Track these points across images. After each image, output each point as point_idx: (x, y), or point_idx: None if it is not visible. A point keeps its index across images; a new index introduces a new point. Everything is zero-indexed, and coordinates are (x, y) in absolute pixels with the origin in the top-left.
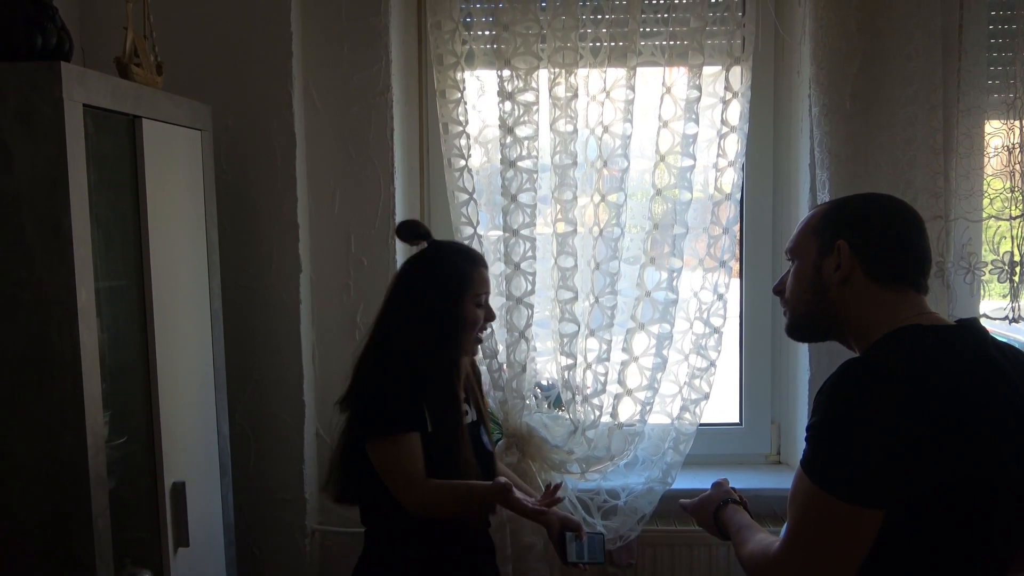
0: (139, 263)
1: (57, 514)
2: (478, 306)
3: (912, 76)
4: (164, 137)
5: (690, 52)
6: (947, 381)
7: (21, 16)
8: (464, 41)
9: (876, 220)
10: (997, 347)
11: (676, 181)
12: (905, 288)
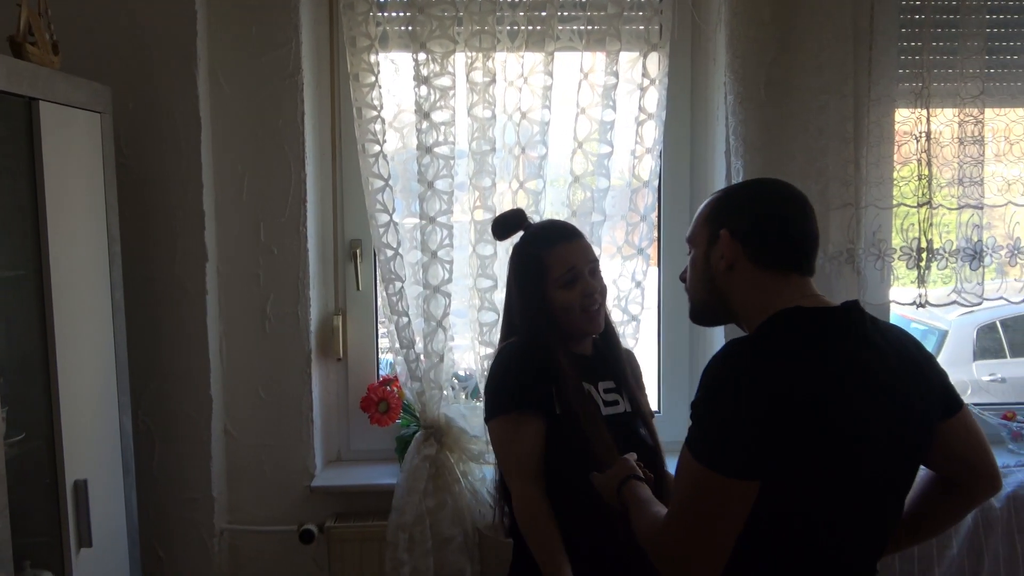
0: (37, 252)
1: None
2: (566, 286)
3: (824, 66)
4: (62, 120)
5: (608, 38)
6: (818, 360)
7: None
8: (378, 23)
9: (757, 207)
10: (878, 328)
11: (594, 168)
12: (788, 272)
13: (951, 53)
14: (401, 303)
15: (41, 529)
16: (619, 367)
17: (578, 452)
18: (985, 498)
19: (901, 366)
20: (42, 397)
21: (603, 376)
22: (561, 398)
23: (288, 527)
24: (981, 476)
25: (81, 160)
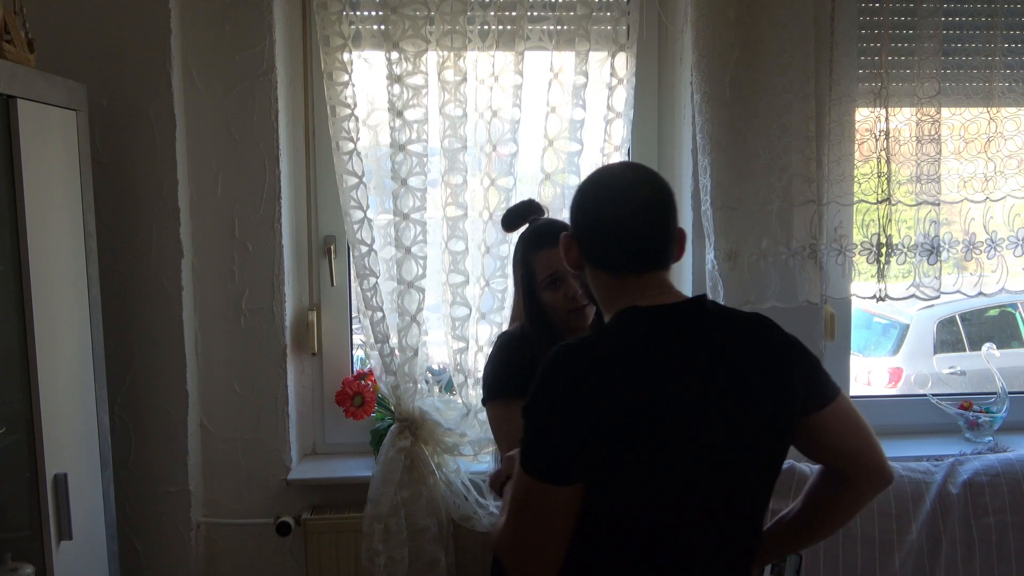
0: (15, 248)
1: None
2: (549, 288)
3: (787, 66)
4: (38, 117)
5: (577, 38)
6: (643, 360)
7: None
8: (351, 22)
9: (587, 208)
10: (726, 322)
11: (565, 166)
12: (623, 272)
13: (909, 54)
14: (376, 298)
15: (22, 523)
16: None
17: None
18: (874, 490)
19: (746, 360)
20: (22, 392)
21: None
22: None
23: (265, 520)
24: (864, 467)
25: (58, 157)
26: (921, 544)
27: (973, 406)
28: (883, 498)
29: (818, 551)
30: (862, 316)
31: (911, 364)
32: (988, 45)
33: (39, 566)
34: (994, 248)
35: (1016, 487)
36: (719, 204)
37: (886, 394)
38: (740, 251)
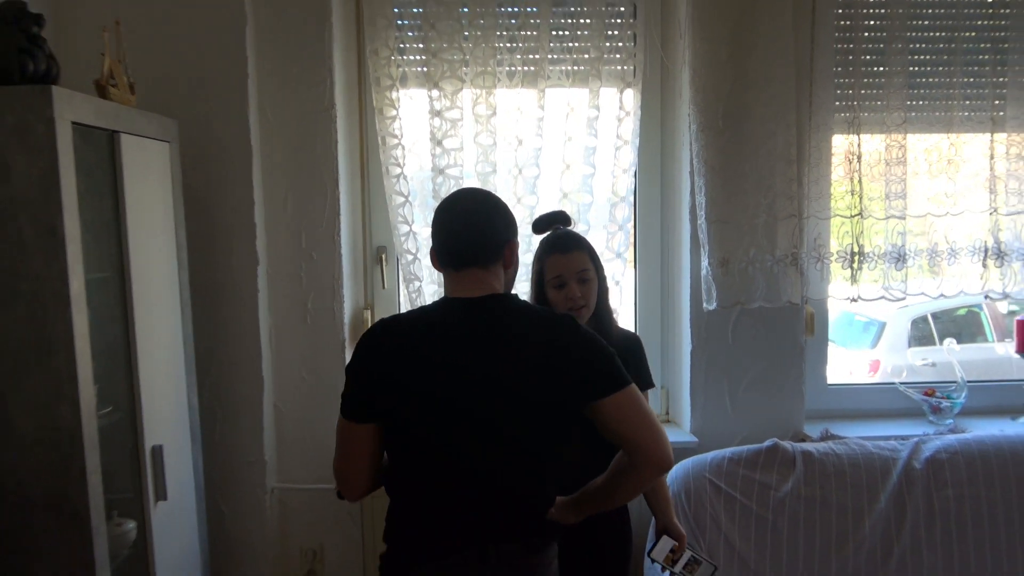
0: (120, 258)
1: (56, 473)
2: (555, 288)
3: (771, 99)
4: (138, 149)
5: (590, 77)
6: (430, 337)
7: (14, 45)
8: (398, 65)
9: (433, 220)
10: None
11: (580, 186)
12: (447, 267)
13: (879, 88)
14: (419, 299)
15: (126, 486)
16: (613, 346)
17: None
18: (650, 475)
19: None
20: (126, 378)
21: None
22: None
23: (328, 485)
24: (641, 453)
25: (154, 181)
26: (888, 512)
27: (936, 393)
28: (855, 472)
29: (797, 517)
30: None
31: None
32: (948, 80)
33: (140, 522)
34: (954, 256)
35: (972, 463)
36: (713, 218)
37: (859, 382)
38: (731, 259)
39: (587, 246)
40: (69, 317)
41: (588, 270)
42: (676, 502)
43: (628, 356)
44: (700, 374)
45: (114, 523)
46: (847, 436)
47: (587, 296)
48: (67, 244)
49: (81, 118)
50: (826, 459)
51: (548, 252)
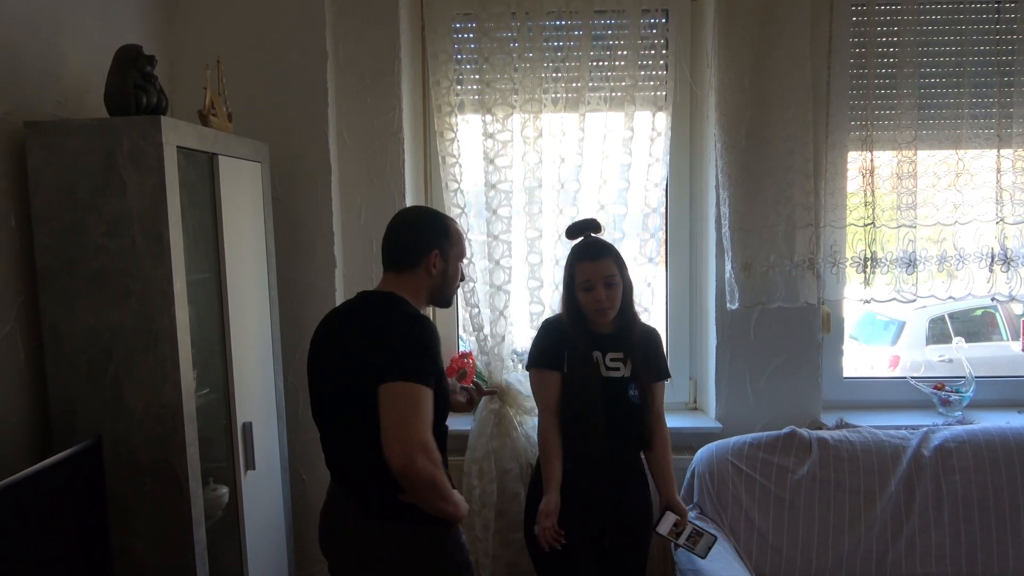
0: (217, 262)
1: (162, 443)
2: (583, 291)
3: (791, 121)
4: (234, 169)
5: (625, 102)
6: (321, 323)
7: (131, 83)
8: (456, 94)
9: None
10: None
11: (616, 199)
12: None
13: (890, 108)
14: (473, 298)
15: (220, 456)
16: (630, 343)
17: (576, 393)
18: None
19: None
20: (221, 364)
21: (614, 348)
22: (569, 360)
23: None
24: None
25: (247, 196)
26: (899, 495)
27: (945, 387)
28: (867, 457)
29: (813, 497)
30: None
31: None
32: (957, 100)
33: (232, 488)
34: (962, 261)
35: (979, 452)
36: (736, 227)
37: (873, 376)
38: (753, 263)
39: (614, 253)
40: (173, 312)
41: (614, 275)
42: (701, 482)
43: (645, 348)
44: (724, 367)
45: (210, 488)
46: (861, 425)
47: (612, 299)
48: (172, 250)
49: (185, 143)
50: (840, 445)
51: (578, 258)
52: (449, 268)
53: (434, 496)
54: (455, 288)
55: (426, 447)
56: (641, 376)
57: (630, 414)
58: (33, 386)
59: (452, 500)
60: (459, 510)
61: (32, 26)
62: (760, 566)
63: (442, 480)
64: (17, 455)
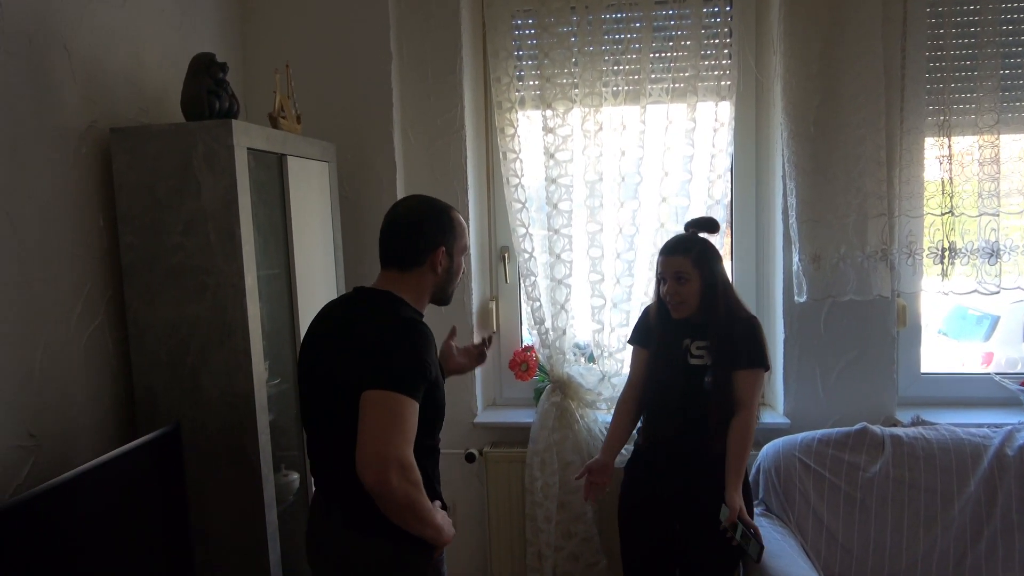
0: (287, 258)
1: (235, 431)
2: (660, 284)
3: (861, 107)
4: (302, 168)
5: (687, 93)
6: (317, 320)
7: (206, 89)
8: (517, 90)
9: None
10: (354, 309)
11: (678, 191)
12: (382, 266)
13: (970, 92)
14: (535, 292)
15: (292, 444)
16: (715, 332)
17: (656, 374)
18: (361, 476)
19: (348, 334)
20: (291, 355)
21: (700, 337)
22: (656, 343)
23: (458, 451)
24: (358, 452)
25: (315, 195)
26: (979, 496)
27: None
28: (944, 456)
29: (885, 496)
30: (958, 309)
31: (1002, 349)
32: None
33: (302, 474)
34: None
35: None
36: (804, 218)
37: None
38: (823, 255)
39: (694, 251)
40: (244, 306)
41: (684, 272)
42: (766, 478)
43: (734, 338)
44: (793, 361)
45: (281, 474)
46: (938, 422)
47: (683, 294)
48: (243, 246)
49: (255, 145)
50: (915, 443)
51: (660, 251)
52: (453, 264)
53: (409, 518)
54: (456, 284)
55: (403, 465)
56: (721, 365)
57: (702, 401)
58: (120, 374)
59: (432, 524)
60: (440, 535)
61: (117, 39)
62: (829, 565)
63: (420, 502)
64: (107, 437)
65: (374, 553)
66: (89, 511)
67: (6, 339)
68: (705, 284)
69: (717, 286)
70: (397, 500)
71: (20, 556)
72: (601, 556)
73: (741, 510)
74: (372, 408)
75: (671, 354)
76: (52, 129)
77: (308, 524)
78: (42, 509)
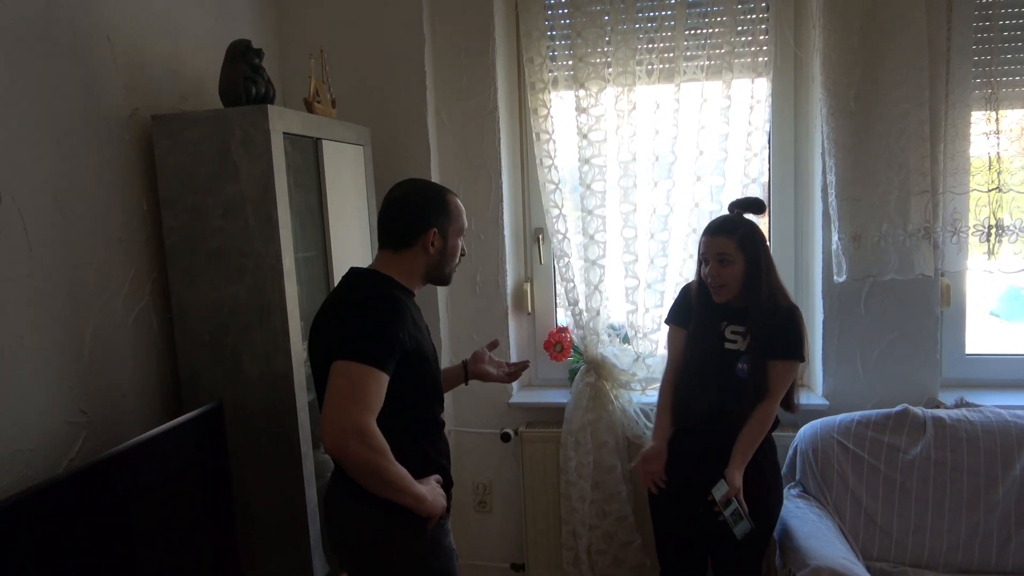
0: (323, 240)
1: (274, 410)
2: (701, 265)
3: (904, 81)
4: (337, 152)
5: (723, 70)
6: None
7: (242, 76)
8: (550, 70)
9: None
10: (343, 287)
11: (713, 170)
12: (379, 247)
13: (1019, 63)
14: (568, 272)
15: None
16: (754, 318)
17: (691, 355)
18: (322, 442)
19: (326, 314)
20: None
21: (737, 321)
22: (693, 324)
23: (494, 430)
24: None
25: (350, 178)
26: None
27: None
28: (989, 438)
29: (927, 479)
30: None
31: None
32: None
33: None
34: None
35: None
36: (844, 196)
37: (1001, 352)
38: (863, 234)
39: (739, 232)
40: (283, 287)
41: (728, 254)
42: (804, 459)
43: (772, 326)
44: (832, 342)
45: (320, 451)
46: (983, 404)
47: (724, 277)
48: (280, 229)
49: (291, 129)
50: (959, 425)
51: (704, 232)
52: (448, 245)
53: (378, 484)
54: (455, 265)
55: (361, 432)
56: (756, 352)
57: (734, 388)
58: (165, 354)
59: (409, 492)
60: (421, 504)
61: (157, 28)
62: (868, 547)
63: (385, 467)
64: (153, 415)
65: (367, 521)
66: (137, 485)
67: (58, 321)
68: (749, 267)
69: (761, 270)
70: (358, 466)
71: (73, 526)
72: (636, 535)
73: (738, 490)
74: (335, 378)
75: (706, 337)
76: (96, 118)
77: (325, 489)
78: (93, 481)
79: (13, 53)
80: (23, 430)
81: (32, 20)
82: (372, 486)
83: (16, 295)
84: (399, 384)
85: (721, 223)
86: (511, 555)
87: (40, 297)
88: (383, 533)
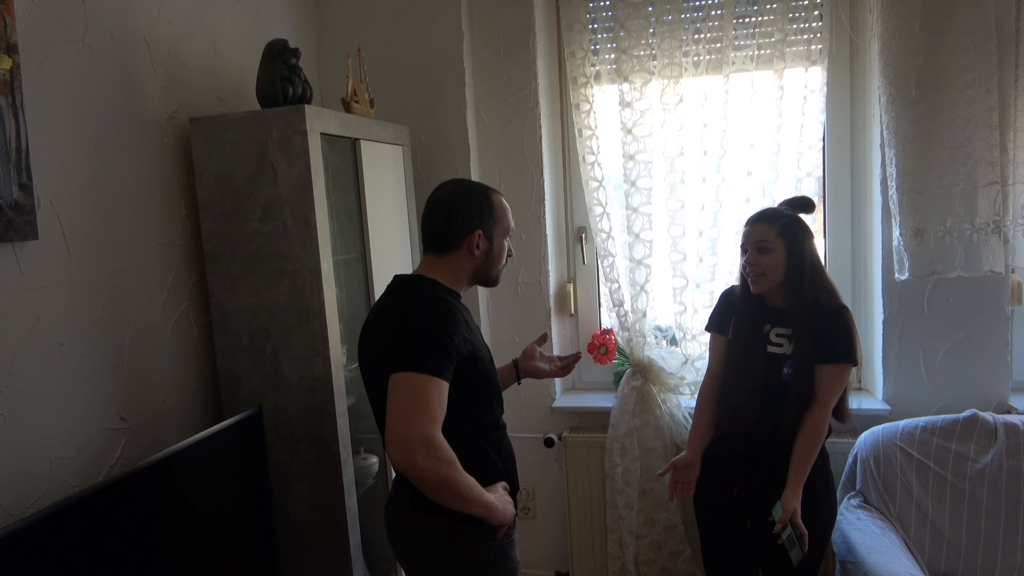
0: (362, 242)
1: (314, 414)
2: (743, 254)
3: (969, 65)
4: (376, 152)
5: (774, 59)
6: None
7: (279, 76)
8: (592, 64)
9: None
10: (392, 294)
11: (765, 164)
12: (423, 251)
13: None
14: (613, 272)
15: (371, 427)
16: (799, 320)
17: (733, 361)
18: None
19: (377, 324)
20: None
21: (782, 323)
22: (734, 327)
23: (537, 435)
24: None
25: (389, 178)
26: None
27: None
28: None
29: (998, 489)
30: None
31: None
32: None
33: (381, 458)
34: None
35: None
36: (905, 189)
37: None
38: (926, 228)
39: (780, 221)
40: (321, 291)
41: (768, 242)
42: (865, 468)
43: (819, 328)
44: (893, 343)
45: (360, 457)
46: None
47: (764, 265)
48: (318, 232)
49: (328, 129)
50: None
51: (746, 222)
52: (494, 247)
53: (447, 495)
54: (502, 267)
55: (428, 444)
56: (802, 355)
57: (779, 393)
58: (204, 359)
59: (478, 501)
60: (491, 513)
61: (194, 30)
62: (934, 562)
63: (454, 479)
64: (193, 420)
65: (437, 532)
66: (177, 491)
67: (97, 326)
68: (791, 259)
69: (804, 265)
70: (427, 479)
71: (114, 532)
72: (685, 545)
73: (795, 513)
74: (395, 391)
75: (750, 340)
76: (135, 121)
77: (387, 499)
78: (134, 489)
79: (51, 58)
80: (64, 437)
81: (70, 25)
82: (442, 498)
83: (55, 301)
84: (459, 389)
85: (763, 212)
86: (555, 563)
87: (79, 303)
88: (453, 542)
